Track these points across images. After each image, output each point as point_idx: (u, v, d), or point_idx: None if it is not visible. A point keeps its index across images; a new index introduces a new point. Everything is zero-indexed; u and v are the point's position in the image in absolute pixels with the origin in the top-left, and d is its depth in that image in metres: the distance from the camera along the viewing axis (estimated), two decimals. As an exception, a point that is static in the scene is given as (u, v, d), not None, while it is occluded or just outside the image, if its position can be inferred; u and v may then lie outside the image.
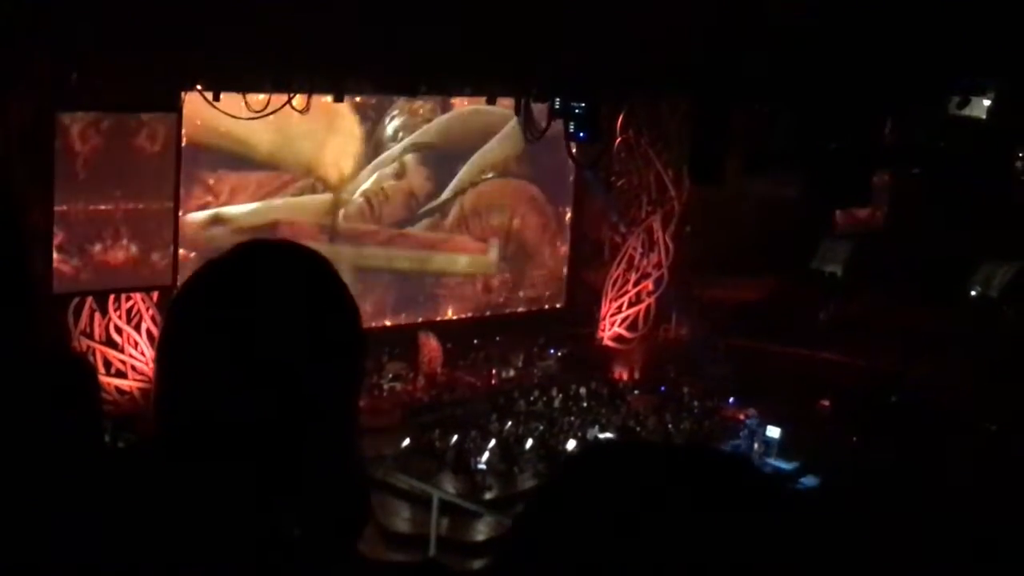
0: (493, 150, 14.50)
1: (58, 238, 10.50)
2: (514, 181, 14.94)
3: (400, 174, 14.00)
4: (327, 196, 13.58)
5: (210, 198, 12.67)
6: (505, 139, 14.29)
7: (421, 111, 14.00)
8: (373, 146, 13.76)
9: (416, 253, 14.06)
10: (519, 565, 1.19)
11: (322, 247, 12.53)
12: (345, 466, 1.70)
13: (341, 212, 13.67)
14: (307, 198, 13.42)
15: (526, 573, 1.18)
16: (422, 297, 14.42)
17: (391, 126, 13.89)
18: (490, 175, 14.73)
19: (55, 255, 10.48)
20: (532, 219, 15.22)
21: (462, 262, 14.40)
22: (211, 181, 12.66)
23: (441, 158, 14.23)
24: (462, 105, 14.10)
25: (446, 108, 14.14)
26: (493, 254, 14.66)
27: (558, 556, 1.15)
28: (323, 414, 1.64)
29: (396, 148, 13.89)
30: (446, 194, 14.39)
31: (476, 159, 14.53)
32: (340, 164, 13.39)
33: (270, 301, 1.63)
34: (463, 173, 14.49)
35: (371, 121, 13.68)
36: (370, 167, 13.78)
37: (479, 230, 14.77)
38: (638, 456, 1.23)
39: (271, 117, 11.06)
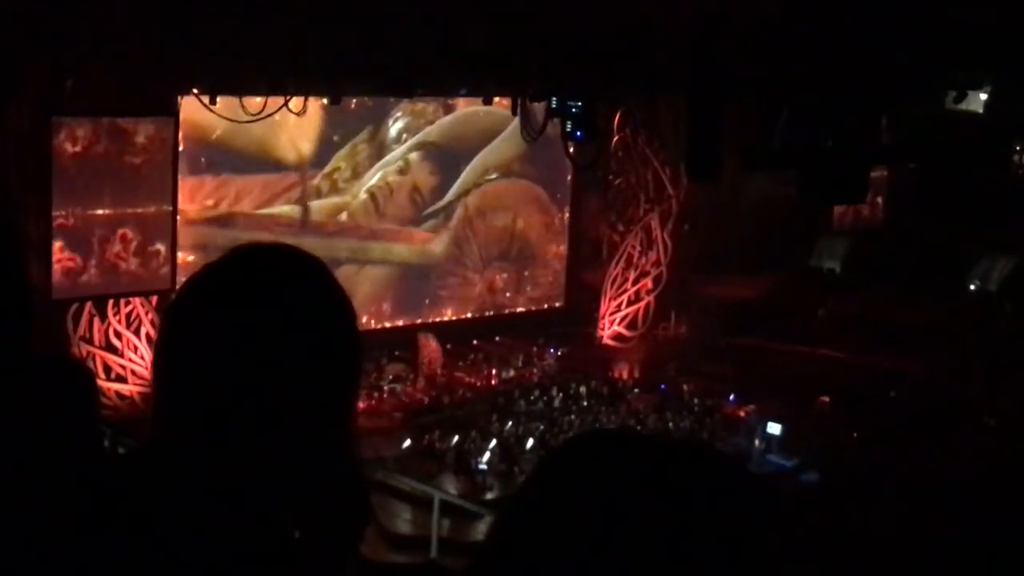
0: (496, 151, 14.52)
1: (56, 243, 10.50)
2: (517, 181, 14.97)
3: (404, 170, 14.04)
4: (333, 200, 13.61)
5: (210, 202, 12.68)
6: (507, 139, 14.29)
7: (424, 113, 14.03)
8: (377, 147, 13.80)
9: (356, 243, 13.85)
10: (506, 561, 1.20)
11: (266, 238, 12.58)
12: (344, 468, 1.70)
13: (344, 212, 13.73)
14: (312, 203, 13.47)
15: (514, 568, 1.18)
16: (424, 297, 14.43)
17: (394, 128, 13.94)
18: (493, 176, 14.76)
19: (54, 260, 10.47)
20: (535, 219, 15.25)
21: (397, 251, 14.23)
22: (215, 184, 12.69)
23: (445, 154, 14.26)
24: (465, 106, 14.12)
25: (449, 110, 14.17)
26: (438, 245, 14.54)
27: (542, 553, 1.16)
28: (320, 416, 1.64)
29: (401, 148, 13.95)
30: (450, 196, 14.43)
31: (479, 160, 14.56)
32: (298, 144, 13.23)
33: (267, 303, 1.63)
34: (466, 174, 14.51)
35: (373, 123, 13.72)
36: (375, 167, 13.82)
37: (483, 231, 14.79)
38: (624, 447, 1.24)
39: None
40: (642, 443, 1.24)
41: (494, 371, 13.56)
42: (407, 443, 11.35)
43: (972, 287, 14.61)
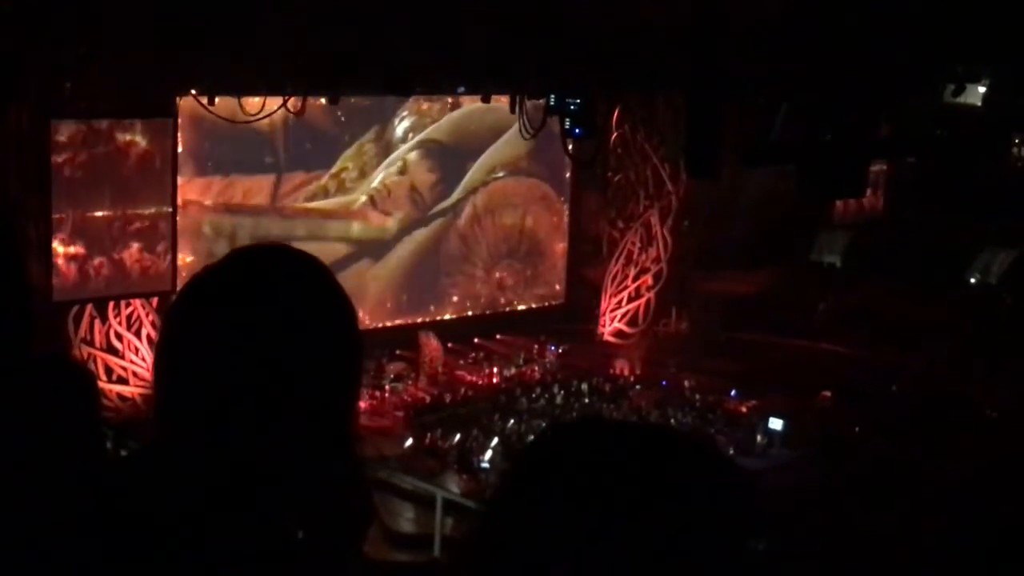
0: (502, 148, 14.48)
1: (56, 246, 10.50)
2: (525, 180, 14.97)
3: (403, 170, 14.04)
4: (339, 199, 13.61)
5: (210, 202, 12.69)
6: (514, 137, 14.16)
7: (431, 112, 14.03)
8: (383, 147, 13.81)
9: (314, 222, 13.62)
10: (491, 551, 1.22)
11: (225, 220, 12.56)
12: (346, 467, 1.70)
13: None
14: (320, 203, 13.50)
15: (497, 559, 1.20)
16: (433, 296, 14.44)
17: (400, 127, 13.95)
18: (501, 174, 14.76)
19: (54, 262, 10.48)
20: (544, 217, 15.26)
21: (355, 228, 13.98)
22: (223, 184, 12.71)
23: (445, 152, 14.24)
24: (470, 103, 14.08)
25: (455, 108, 14.15)
26: (391, 223, 14.29)
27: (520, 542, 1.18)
28: (322, 416, 1.64)
29: (404, 148, 13.94)
30: (458, 193, 14.44)
31: (486, 158, 14.56)
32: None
33: (267, 304, 1.63)
34: (473, 172, 14.53)
35: (380, 122, 13.74)
36: (381, 167, 13.84)
37: (492, 229, 14.78)
38: (599, 437, 1.26)
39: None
40: (613, 431, 1.26)
41: (495, 369, 13.57)
42: (409, 442, 11.36)
43: (972, 280, 14.60)
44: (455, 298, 14.68)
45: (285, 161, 13.15)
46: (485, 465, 11.09)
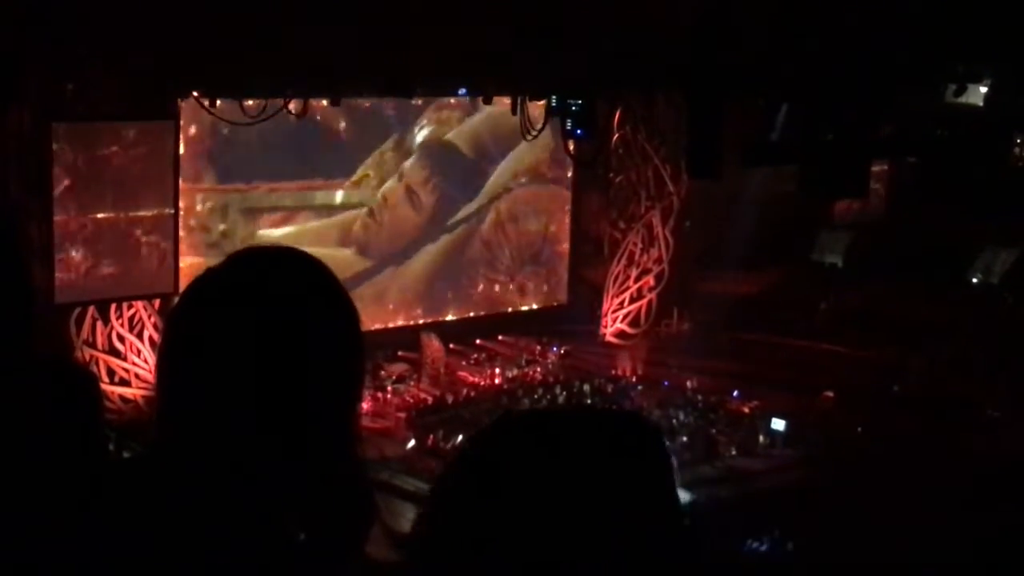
0: (524, 154, 14.43)
1: (57, 247, 10.50)
2: (548, 187, 14.95)
3: (400, 175, 14.02)
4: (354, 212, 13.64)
5: (208, 203, 12.70)
6: (536, 142, 14.02)
7: (450, 120, 14.01)
8: (403, 155, 13.82)
9: (301, 193, 13.55)
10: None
11: (217, 197, 12.63)
12: (348, 469, 1.71)
13: (358, 222, 13.73)
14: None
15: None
16: (450, 299, 14.46)
17: (420, 135, 13.94)
18: (523, 180, 14.73)
19: (56, 265, 10.48)
20: (567, 224, 15.23)
21: (340, 196, 13.89)
22: (245, 188, 12.75)
23: (441, 152, 14.18)
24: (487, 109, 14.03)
25: (474, 113, 14.13)
26: (366, 190, 14.10)
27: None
28: (324, 417, 1.64)
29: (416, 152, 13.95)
30: (480, 199, 14.44)
31: (508, 163, 14.51)
32: None
33: (269, 306, 1.63)
34: (495, 177, 14.50)
35: (399, 130, 13.77)
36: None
37: (515, 236, 14.76)
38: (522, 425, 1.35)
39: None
40: (538, 417, 1.37)
41: (498, 370, 13.57)
42: (411, 443, 11.37)
43: (974, 280, 14.59)
44: (477, 300, 14.72)
45: (306, 168, 13.18)
46: (487, 466, 11.08)
